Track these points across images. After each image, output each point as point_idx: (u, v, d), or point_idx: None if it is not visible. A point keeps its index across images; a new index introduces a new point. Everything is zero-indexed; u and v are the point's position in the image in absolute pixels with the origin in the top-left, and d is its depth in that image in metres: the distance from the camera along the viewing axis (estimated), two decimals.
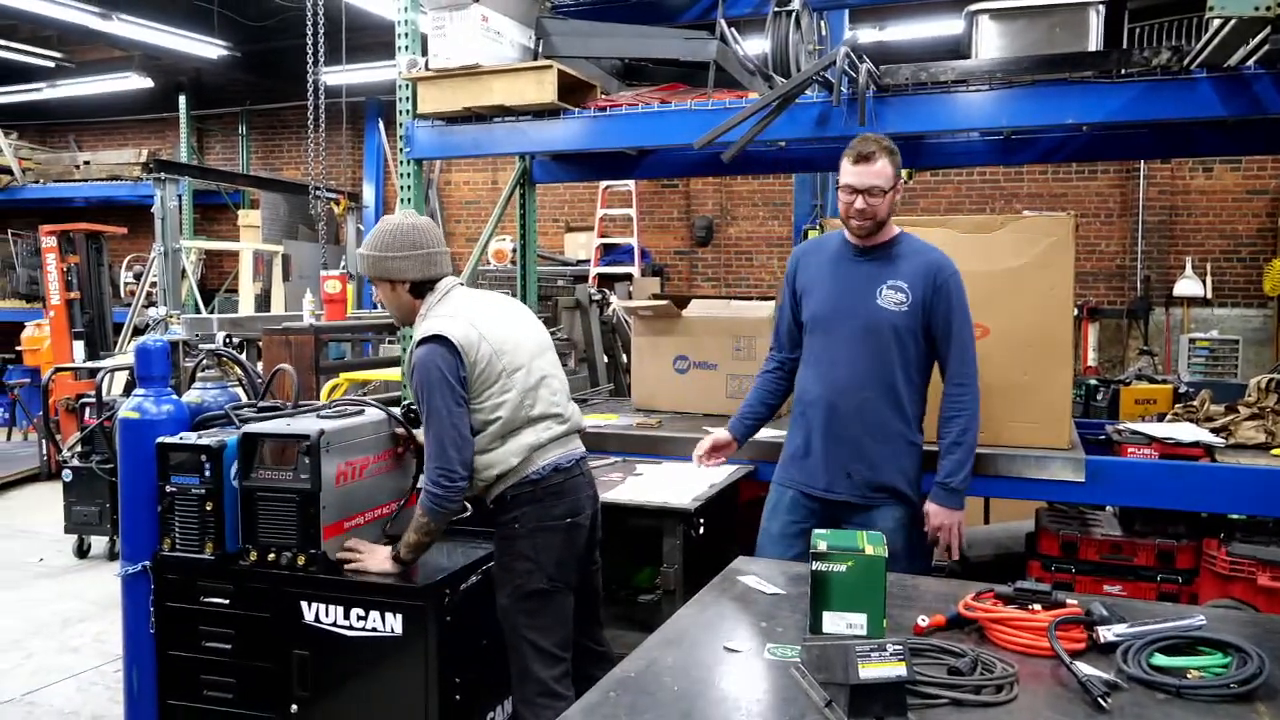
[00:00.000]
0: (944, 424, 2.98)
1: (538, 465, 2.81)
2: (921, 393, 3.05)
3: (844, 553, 2.00)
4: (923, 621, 2.01)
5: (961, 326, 2.97)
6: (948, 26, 8.75)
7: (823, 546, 2.01)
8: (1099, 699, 1.64)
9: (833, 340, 3.02)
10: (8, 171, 10.97)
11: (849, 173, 2.94)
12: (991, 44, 3.79)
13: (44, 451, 8.35)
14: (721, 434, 3.32)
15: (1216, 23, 2.89)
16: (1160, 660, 1.78)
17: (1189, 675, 1.72)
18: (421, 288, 2.92)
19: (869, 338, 2.96)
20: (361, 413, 3.07)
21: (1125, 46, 3.64)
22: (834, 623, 2.00)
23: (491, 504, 2.88)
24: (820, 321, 3.06)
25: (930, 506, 2.99)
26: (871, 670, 1.60)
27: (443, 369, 2.70)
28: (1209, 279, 9.92)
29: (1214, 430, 3.68)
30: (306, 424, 2.89)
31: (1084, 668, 1.73)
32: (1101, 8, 3.69)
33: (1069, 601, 1.96)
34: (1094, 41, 3.69)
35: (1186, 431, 3.63)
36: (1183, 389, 4.39)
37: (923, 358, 3.01)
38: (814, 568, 2.00)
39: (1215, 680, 1.70)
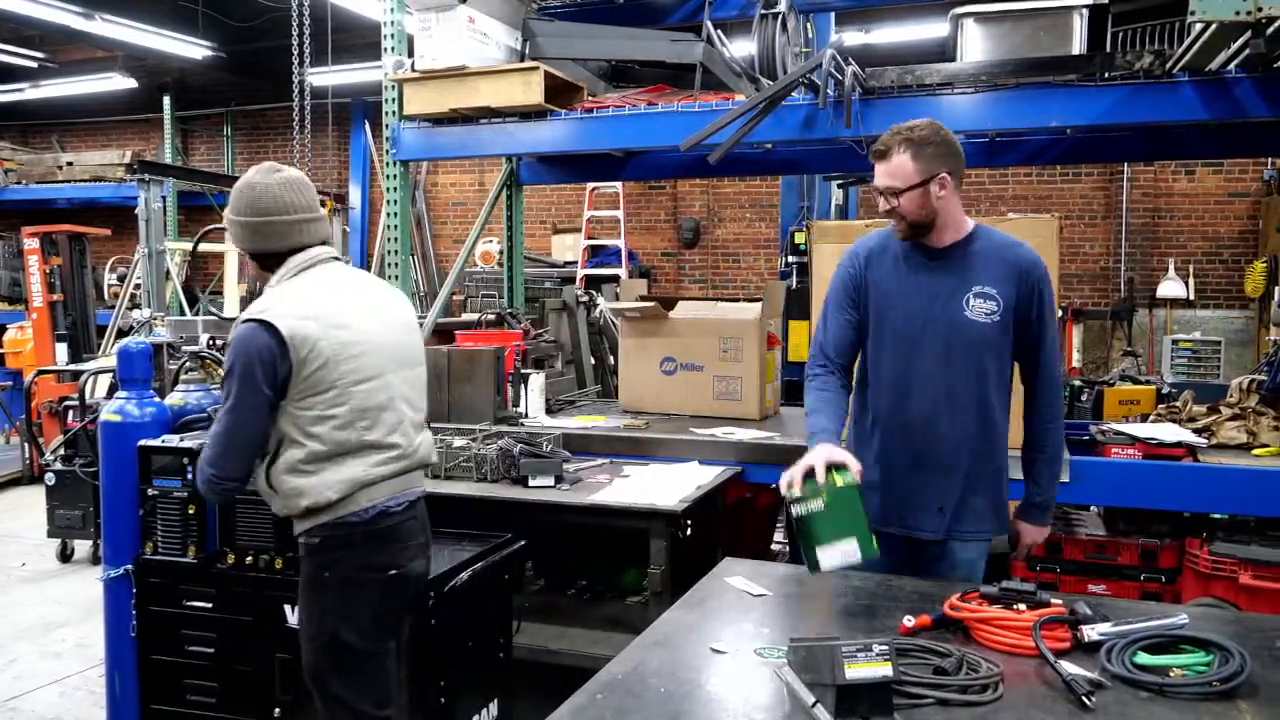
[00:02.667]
0: (1038, 437, 2.64)
1: (360, 505, 2.37)
2: (1008, 409, 2.66)
3: (815, 489, 2.05)
4: (909, 622, 2.01)
5: (1052, 333, 2.59)
6: (933, 30, 8.79)
7: (796, 491, 2.07)
8: (1083, 698, 1.65)
9: (916, 358, 2.58)
10: None
11: (876, 172, 2.58)
12: (976, 47, 3.81)
13: (26, 455, 8.28)
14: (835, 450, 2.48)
15: (1198, 27, 2.91)
16: (1144, 659, 1.78)
17: (1172, 674, 1.72)
18: (266, 261, 2.46)
19: (960, 355, 2.54)
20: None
21: (1108, 50, 3.66)
22: (830, 556, 2.05)
23: (298, 538, 2.43)
24: (899, 337, 2.61)
25: (1024, 526, 2.69)
26: (858, 670, 1.60)
27: (259, 359, 2.25)
28: (1191, 281, 9.99)
29: (1196, 431, 3.70)
30: None
31: (1068, 667, 1.74)
32: (1085, 11, 3.72)
33: (1053, 601, 1.97)
34: (1078, 45, 3.71)
35: (1169, 432, 3.65)
36: (1166, 390, 4.41)
37: (1010, 368, 2.63)
38: (794, 513, 2.02)
39: (1198, 678, 1.71)
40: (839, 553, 2.10)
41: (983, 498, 2.61)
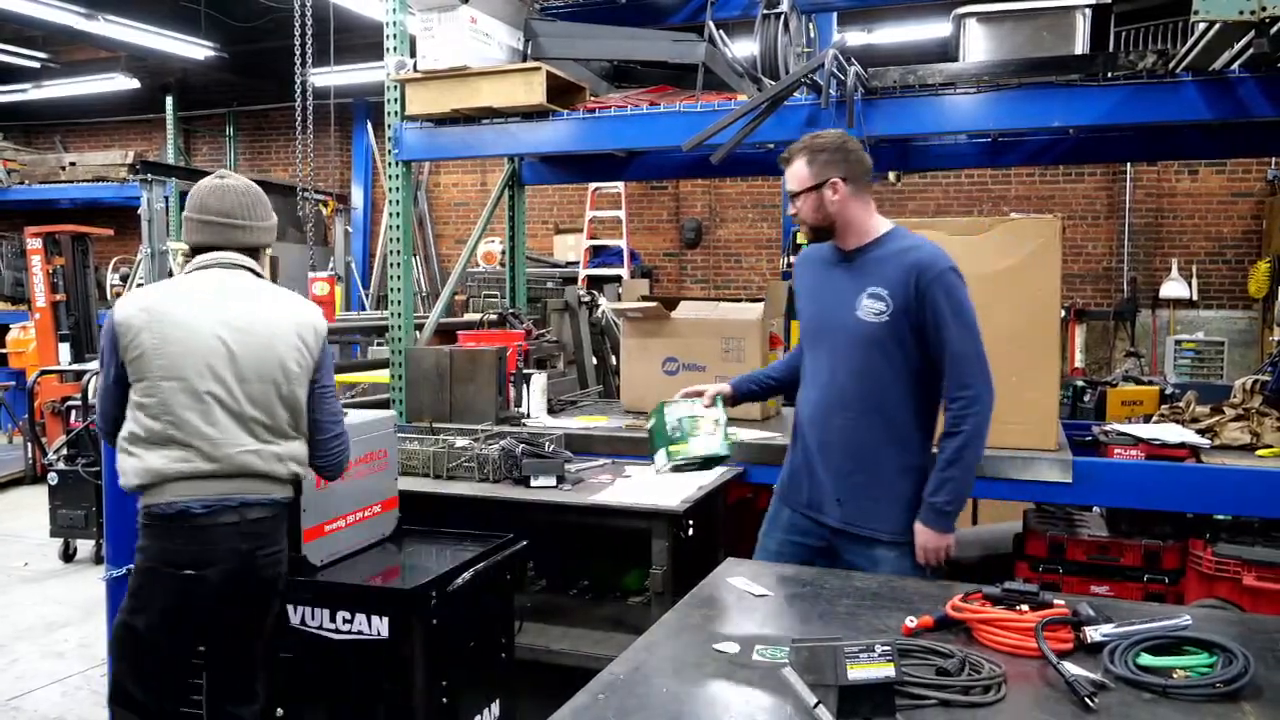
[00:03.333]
0: (942, 439, 2.67)
1: (164, 499, 2.44)
2: (927, 409, 2.74)
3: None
4: (911, 623, 2.01)
5: (959, 334, 2.60)
6: (935, 29, 8.79)
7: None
8: (1086, 699, 1.65)
9: (817, 356, 2.80)
10: None
11: None
12: (979, 47, 3.81)
13: (29, 455, 8.28)
14: (723, 387, 3.02)
15: (1201, 26, 2.90)
16: (1146, 660, 1.78)
17: (1175, 675, 1.72)
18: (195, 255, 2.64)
19: (851, 353, 2.69)
20: (344, 415, 3.05)
21: (1111, 50, 3.65)
22: (656, 462, 2.91)
23: None
24: (806, 335, 2.86)
25: (916, 525, 2.68)
26: (860, 671, 1.60)
27: (107, 337, 2.51)
28: (1195, 281, 9.98)
29: (1200, 431, 3.69)
30: None
31: (1071, 668, 1.73)
32: (1088, 11, 3.71)
33: (1056, 602, 1.97)
34: (1080, 45, 3.70)
35: (1172, 433, 3.64)
36: (1169, 390, 4.40)
37: (921, 370, 2.67)
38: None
39: (1201, 680, 1.70)
40: (659, 460, 2.88)
41: (885, 495, 2.71)
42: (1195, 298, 9.97)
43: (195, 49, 10.89)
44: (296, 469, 2.62)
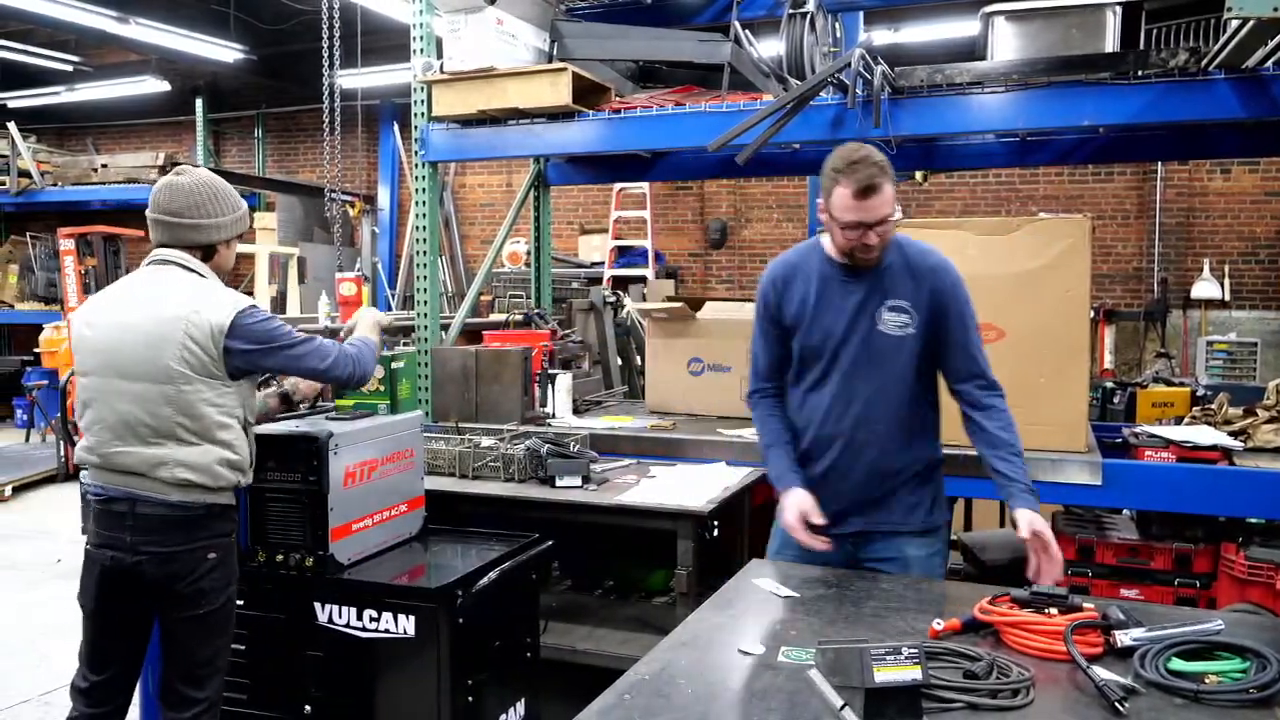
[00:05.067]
0: (996, 429, 2.56)
1: (85, 481, 2.64)
2: (936, 404, 2.73)
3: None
4: (938, 625, 2.00)
5: (974, 333, 2.63)
6: (963, 28, 8.72)
7: None
8: (1116, 704, 1.63)
9: (834, 373, 2.65)
10: (26, 175, 11.07)
11: (855, 209, 2.47)
12: (1007, 45, 3.77)
13: (62, 453, 8.40)
14: (805, 500, 2.64)
15: (1235, 24, 2.87)
16: (1178, 665, 1.76)
17: (1207, 680, 1.70)
18: None
19: (875, 368, 2.61)
20: (373, 414, 3.08)
21: (1142, 48, 3.61)
22: None
23: None
24: (818, 353, 2.67)
25: (1025, 514, 2.44)
26: (887, 674, 1.59)
27: None
28: (1227, 281, 9.84)
29: (1232, 433, 3.64)
30: (315, 425, 2.90)
31: (1101, 672, 1.72)
32: (1118, 9, 3.67)
33: (1085, 605, 1.95)
34: (1111, 43, 3.67)
35: (1204, 435, 3.60)
36: (1200, 392, 4.35)
37: (929, 369, 2.67)
38: None
39: (1233, 685, 1.68)
40: None
41: (911, 492, 2.67)
42: (1227, 298, 9.83)
43: (225, 51, 11.00)
44: (187, 476, 2.49)
